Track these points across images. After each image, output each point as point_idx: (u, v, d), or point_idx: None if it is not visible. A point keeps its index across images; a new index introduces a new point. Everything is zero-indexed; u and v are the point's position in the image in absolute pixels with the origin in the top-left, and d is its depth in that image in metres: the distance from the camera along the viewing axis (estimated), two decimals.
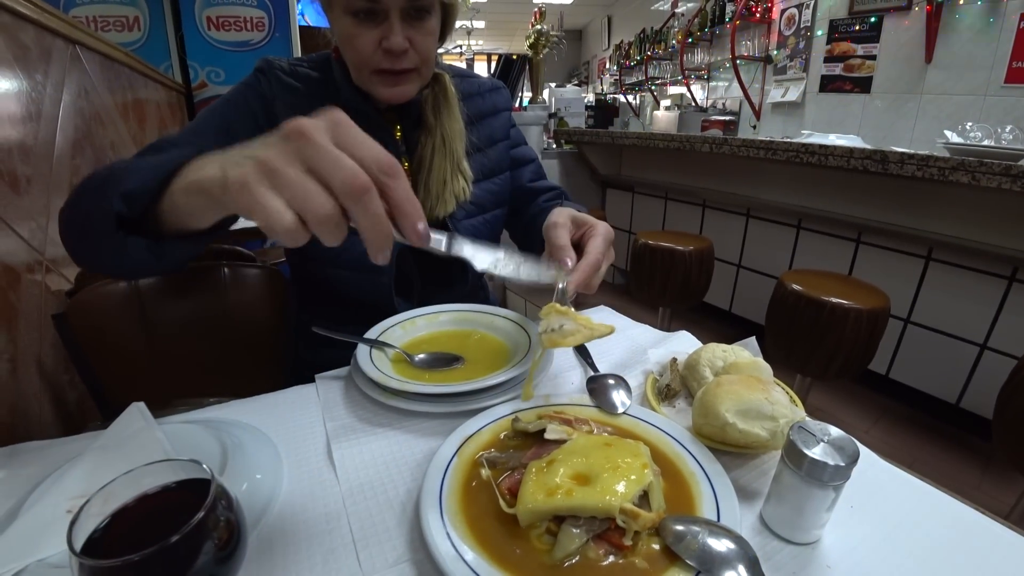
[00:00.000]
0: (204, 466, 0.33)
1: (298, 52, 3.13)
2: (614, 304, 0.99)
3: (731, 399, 0.50)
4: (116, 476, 0.34)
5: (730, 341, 0.70)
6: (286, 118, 0.79)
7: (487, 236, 0.95)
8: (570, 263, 0.62)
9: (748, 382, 0.52)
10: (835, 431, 0.43)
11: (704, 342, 0.72)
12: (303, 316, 0.99)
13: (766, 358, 0.68)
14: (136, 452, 0.55)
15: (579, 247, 0.67)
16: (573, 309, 0.59)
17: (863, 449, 0.55)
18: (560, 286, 0.60)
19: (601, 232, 0.67)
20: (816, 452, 0.41)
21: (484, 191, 0.93)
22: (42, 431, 0.96)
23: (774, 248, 2.49)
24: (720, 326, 2.86)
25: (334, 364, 0.74)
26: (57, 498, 0.50)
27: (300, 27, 3.15)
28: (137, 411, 0.62)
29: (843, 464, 0.40)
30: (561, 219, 0.67)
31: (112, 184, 0.50)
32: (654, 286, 2.15)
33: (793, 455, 0.42)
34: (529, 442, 0.53)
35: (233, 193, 0.37)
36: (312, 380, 0.72)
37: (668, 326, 2.33)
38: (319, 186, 0.37)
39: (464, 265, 0.90)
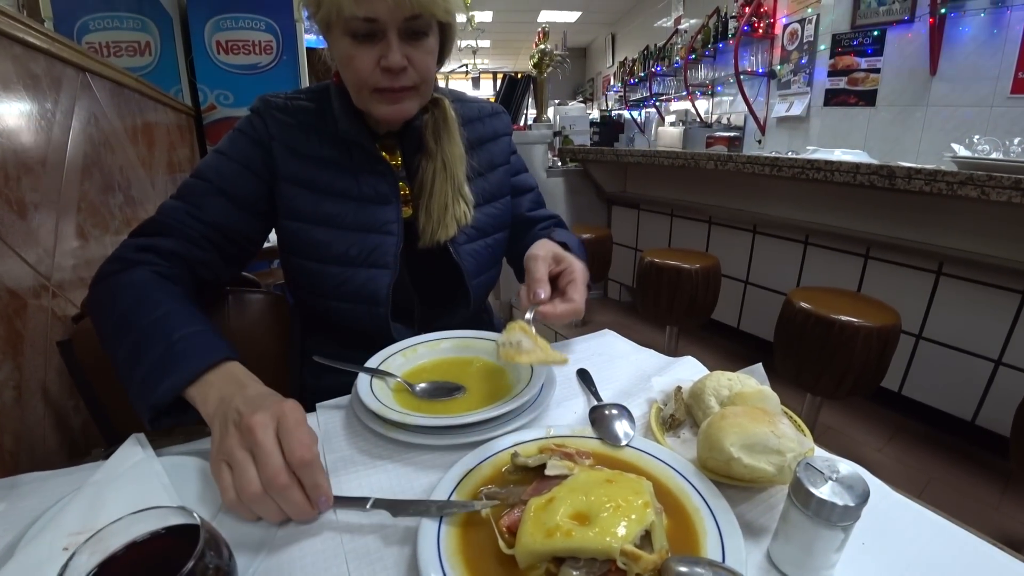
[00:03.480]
0: (194, 514, 0.33)
1: (305, 74, 3.17)
2: (621, 322, 0.99)
3: (736, 433, 0.49)
4: (108, 521, 0.33)
5: (738, 358, 0.69)
6: (284, 157, 0.81)
7: (488, 260, 0.94)
8: (542, 295, 0.67)
9: (753, 414, 0.51)
10: (844, 467, 0.42)
11: (711, 360, 0.71)
12: (306, 341, 0.98)
13: (775, 377, 0.67)
14: (133, 487, 0.54)
15: (555, 281, 0.72)
16: (534, 331, 0.64)
17: (874, 481, 0.54)
18: (528, 316, 0.64)
19: (580, 277, 0.72)
20: (824, 492, 0.40)
21: (485, 215, 0.93)
22: (47, 458, 0.96)
23: (781, 264, 2.47)
24: (728, 343, 2.83)
25: (338, 390, 0.74)
26: (54, 535, 0.49)
27: (308, 49, 3.20)
28: (136, 442, 0.62)
29: (852, 504, 0.39)
30: (542, 252, 0.71)
31: (141, 373, 0.59)
32: (660, 304, 2.14)
33: (800, 494, 0.41)
34: (530, 476, 0.51)
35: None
36: (314, 406, 0.72)
37: (675, 344, 2.31)
38: (255, 472, 0.49)
39: (466, 291, 0.91)
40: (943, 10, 2.92)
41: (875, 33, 3.36)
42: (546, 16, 7.50)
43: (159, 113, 2.33)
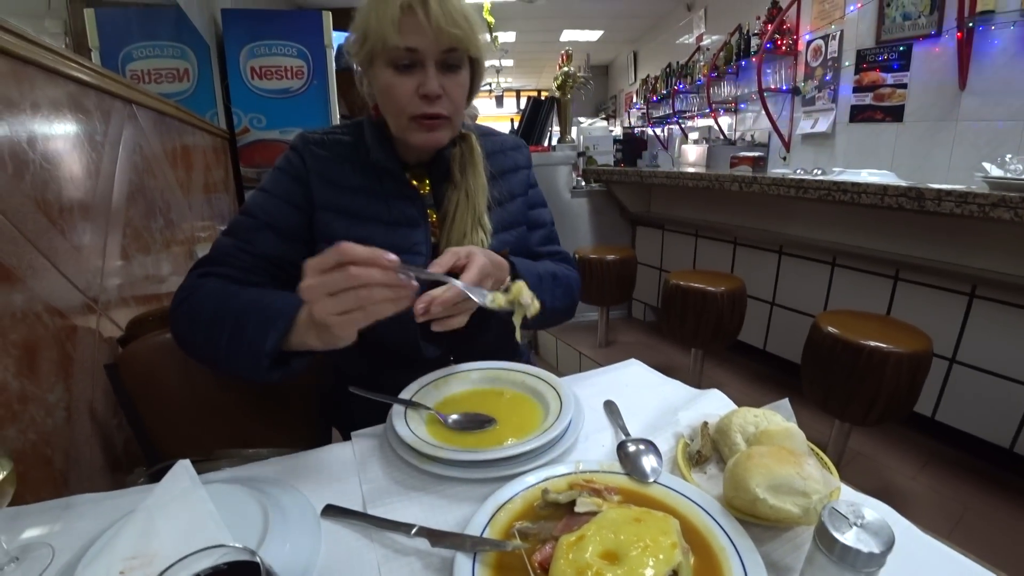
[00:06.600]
0: (257, 557, 0.35)
1: (335, 97, 3.26)
2: (645, 342, 1.01)
3: (762, 473, 0.50)
4: (160, 547, 0.35)
5: (764, 380, 0.70)
6: (321, 188, 0.87)
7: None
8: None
9: (779, 455, 0.52)
10: (870, 513, 0.43)
11: (737, 382, 0.73)
12: (340, 361, 1.02)
13: (802, 402, 0.67)
14: (182, 514, 0.57)
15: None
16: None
17: (902, 522, 0.54)
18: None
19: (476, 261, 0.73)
20: (848, 538, 0.41)
21: (502, 242, 0.96)
22: (92, 475, 1.01)
23: (808, 285, 2.44)
24: (754, 365, 2.79)
25: (369, 412, 0.77)
26: (110, 559, 0.52)
27: (338, 72, 3.29)
28: (183, 469, 0.65)
29: (877, 552, 0.40)
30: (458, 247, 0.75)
31: (251, 340, 0.67)
32: (686, 327, 2.13)
33: (825, 539, 0.42)
34: (560, 512, 0.53)
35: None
36: (347, 424, 0.75)
37: (701, 366, 2.30)
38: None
39: (488, 313, 0.93)
40: (971, 23, 2.87)
41: (901, 48, 3.32)
42: (568, 35, 7.57)
43: (196, 137, 2.42)
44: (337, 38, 3.32)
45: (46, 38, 1.02)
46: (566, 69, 3.19)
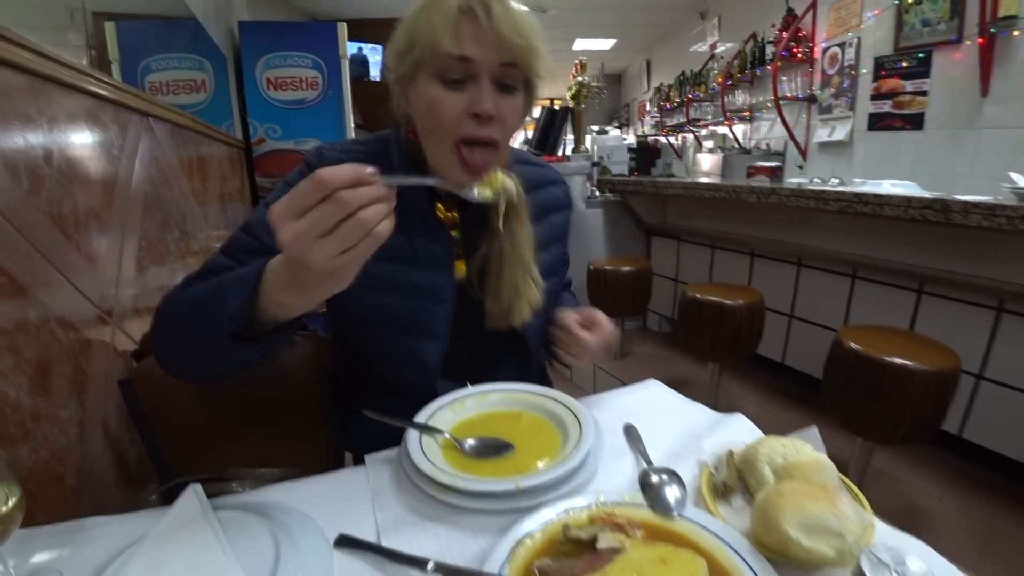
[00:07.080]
0: None
1: (349, 108, 3.29)
2: (661, 354, 0.99)
3: (794, 512, 0.47)
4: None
5: (784, 394, 0.67)
6: None
7: (544, 334, 0.94)
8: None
9: (812, 492, 0.49)
10: (914, 562, 0.40)
11: (756, 396, 0.70)
12: (351, 386, 1.00)
13: (824, 420, 0.64)
14: (192, 542, 0.56)
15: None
16: None
17: (939, 561, 0.51)
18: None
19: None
20: None
21: (545, 292, 0.86)
22: (106, 491, 1.00)
23: (828, 298, 2.39)
24: (773, 379, 2.73)
25: (381, 434, 0.73)
26: None
27: (352, 81, 3.32)
28: (193, 495, 0.63)
29: None
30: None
31: (212, 311, 0.59)
32: (703, 340, 2.10)
33: None
34: (582, 548, 0.51)
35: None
36: (360, 446, 0.72)
37: (718, 380, 2.26)
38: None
39: (526, 361, 0.91)
40: (993, 29, 2.82)
41: (920, 55, 3.27)
42: (581, 44, 7.55)
43: (212, 148, 2.45)
44: (351, 49, 3.35)
45: (69, 51, 1.02)
46: (580, 79, 3.18)
